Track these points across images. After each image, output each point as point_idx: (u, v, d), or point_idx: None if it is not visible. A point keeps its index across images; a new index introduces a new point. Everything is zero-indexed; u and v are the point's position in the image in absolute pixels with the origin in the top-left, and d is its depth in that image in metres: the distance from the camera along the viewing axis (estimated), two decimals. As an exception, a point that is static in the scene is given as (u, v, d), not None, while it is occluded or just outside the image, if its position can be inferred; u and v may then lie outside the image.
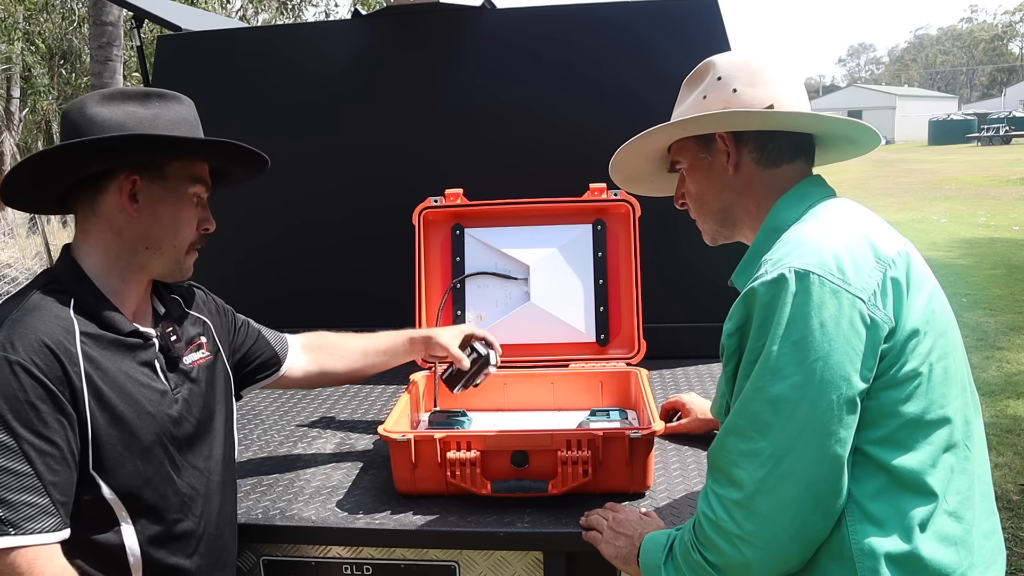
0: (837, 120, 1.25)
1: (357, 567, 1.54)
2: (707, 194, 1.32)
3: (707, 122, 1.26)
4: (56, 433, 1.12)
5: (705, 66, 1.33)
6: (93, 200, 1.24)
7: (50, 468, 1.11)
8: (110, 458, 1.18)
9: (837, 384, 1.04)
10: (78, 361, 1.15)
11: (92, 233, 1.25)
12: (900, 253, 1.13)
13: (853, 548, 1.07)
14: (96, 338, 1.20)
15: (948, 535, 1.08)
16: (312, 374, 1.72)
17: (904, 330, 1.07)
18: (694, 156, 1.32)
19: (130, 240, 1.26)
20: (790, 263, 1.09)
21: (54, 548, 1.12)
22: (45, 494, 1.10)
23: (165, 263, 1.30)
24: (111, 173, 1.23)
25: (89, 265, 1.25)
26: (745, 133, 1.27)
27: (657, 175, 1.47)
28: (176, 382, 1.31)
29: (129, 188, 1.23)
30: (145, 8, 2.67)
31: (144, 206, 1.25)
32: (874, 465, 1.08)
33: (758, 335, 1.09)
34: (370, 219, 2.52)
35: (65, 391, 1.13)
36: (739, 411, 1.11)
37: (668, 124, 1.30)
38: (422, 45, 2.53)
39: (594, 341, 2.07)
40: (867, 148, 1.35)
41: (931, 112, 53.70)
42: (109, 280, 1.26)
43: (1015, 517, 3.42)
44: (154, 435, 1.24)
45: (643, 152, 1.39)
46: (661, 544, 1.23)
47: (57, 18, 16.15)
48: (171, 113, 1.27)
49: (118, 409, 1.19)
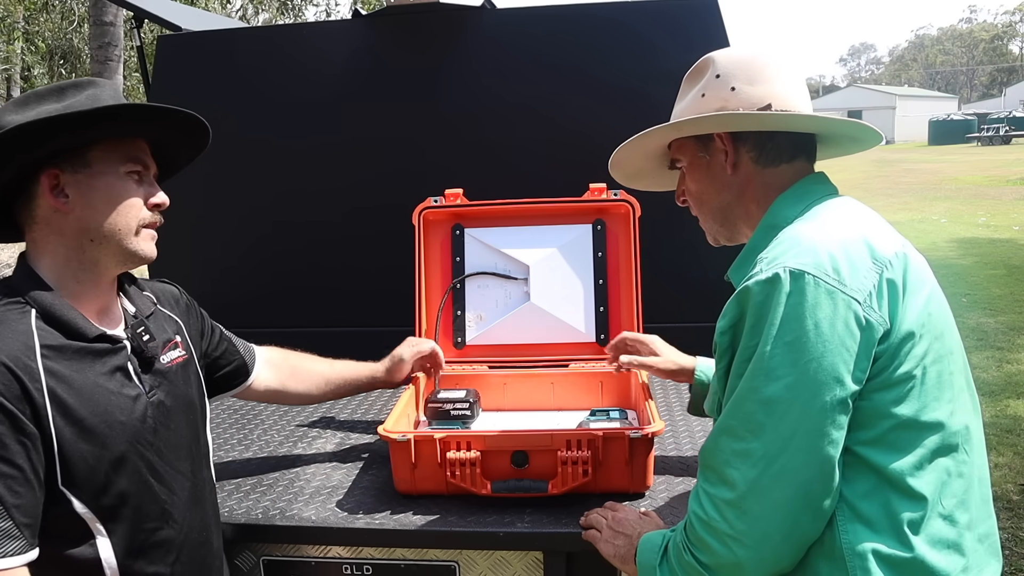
0: (834, 120, 1.24)
1: (357, 567, 1.54)
2: (706, 193, 1.32)
3: (703, 123, 1.26)
4: (17, 455, 1.08)
5: (705, 62, 1.32)
6: (29, 208, 1.20)
7: (12, 491, 1.07)
8: (80, 473, 1.14)
9: (830, 385, 1.04)
10: (39, 377, 1.11)
11: (38, 240, 1.21)
12: (897, 254, 1.12)
13: (844, 548, 1.07)
14: (60, 349, 1.15)
15: (942, 538, 1.08)
16: (272, 391, 1.70)
17: (899, 332, 1.07)
18: (693, 155, 1.32)
19: (73, 237, 1.20)
20: (785, 262, 1.08)
21: (19, 572, 1.08)
22: (8, 517, 1.07)
23: (116, 251, 1.23)
24: (33, 175, 1.18)
25: (44, 273, 1.20)
26: (743, 133, 1.27)
27: (658, 171, 1.46)
28: (151, 384, 1.27)
29: (51, 184, 1.17)
30: (145, 8, 2.67)
31: (75, 199, 1.19)
32: (865, 466, 1.08)
33: (751, 334, 1.09)
34: (370, 218, 2.52)
35: (25, 410, 1.09)
36: (732, 411, 1.11)
37: (664, 126, 1.29)
38: (422, 45, 2.53)
39: (594, 341, 2.07)
40: (868, 144, 1.35)
41: (931, 112, 53.70)
42: (66, 283, 1.21)
43: (1015, 517, 3.41)
44: (127, 444, 1.19)
45: (642, 151, 1.39)
46: (656, 545, 1.22)
47: (57, 18, 16.15)
48: (84, 99, 1.19)
49: (86, 422, 1.14)
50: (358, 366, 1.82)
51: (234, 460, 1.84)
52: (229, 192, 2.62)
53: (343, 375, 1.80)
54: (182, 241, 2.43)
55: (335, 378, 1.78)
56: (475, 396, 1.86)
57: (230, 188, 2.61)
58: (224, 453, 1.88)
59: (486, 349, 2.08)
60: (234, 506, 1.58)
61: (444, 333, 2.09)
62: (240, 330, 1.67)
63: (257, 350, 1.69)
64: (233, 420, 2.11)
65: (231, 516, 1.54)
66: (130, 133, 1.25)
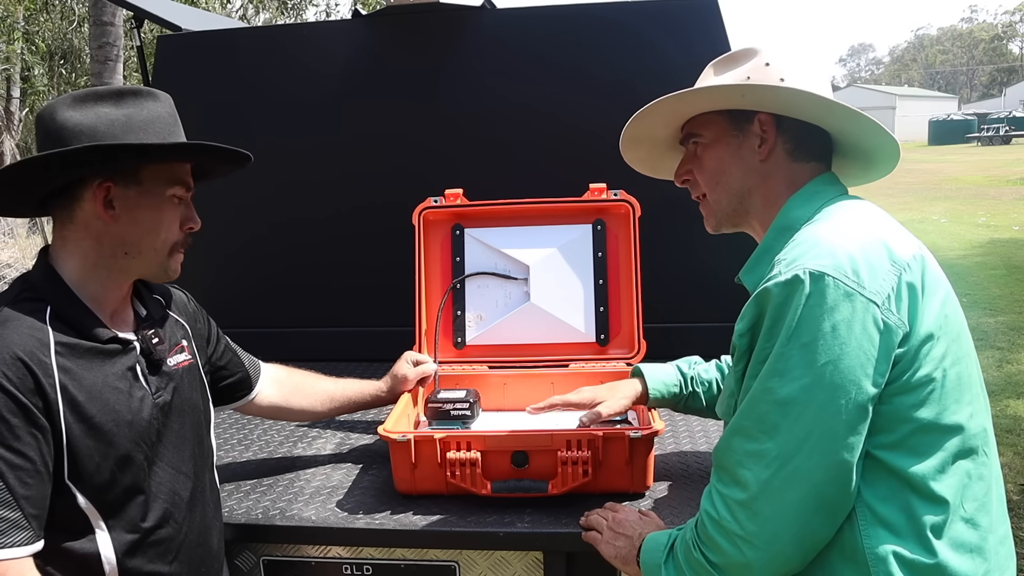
0: (886, 134, 1.23)
1: (357, 567, 1.54)
2: (729, 173, 1.28)
3: (781, 96, 1.21)
4: (29, 446, 1.10)
5: (748, 50, 1.29)
6: (70, 208, 1.22)
7: (22, 482, 1.09)
8: (86, 468, 1.16)
9: (847, 388, 1.04)
10: (52, 372, 1.13)
11: (70, 240, 1.23)
12: (915, 256, 1.11)
13: (867, 552, 1.06)
14: (72, 348, 1.17)
15: (964, 542, 1.08)
16: (275, 407, 1.72)
17: (918, 335, 1.06)
18: (722, 131, 1.28)
19: (109, 246, 1.23)
20: (805, 264, 1.07)
21: (26, 561, 1.10)
22: (17, 508, 1.08)
23: (147, 266, 1.28)
24: (84, 181, 1.21)
25: (67, 272, 1.23)
26: (788, 122, 1.24)
27: (657, 149, 1.43)
28: (158, 385, 1.29)
29: (103, 196, 1.21)
30: (145, 8, 2.67)
31: (121, 212, 1.22)
32: (884, 470, 1.07)
33: (768, 336, 1.09)
34: (370, 218, 2.52)
35: (38, 403, 1.11)
36: (746, 411, 1.10)
37: (734, 84, 1.24)
38: (422, 45, 2.53)
39: (594, 341, 2.07)
40: (872, 178, 1.36)
41: (931, 112, 53.69)
42: (87, 286, 1.23)
43: (1015, 517, 3.42)
44: (132, 442, 1.21)
45: (670, 113, 1.32)
46: (662, 544, 1.22)
47: (57, 18, 16.13)
48: (145, 112, 1.24)
49: (95, 419, 1.17)
50: (363, 384, 1.84)
51: (234, 460, 1.84)
52: (229, 192, 2.61)
53: (347, 393, 1.82)
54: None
55: (339, 396, 1.80)
56: (475, 396, 1.86)
57: (230, 188, 2.60)
58: (224, 453, 1.88)
59: (486, 349, 2.08)
60: (234, 506, 1.58)
61: (444, 333, 2.09)
62: (240, 330, 1.67)
63: (263, 367, 1.70)
64: (233, 420, 2.11)
65: (231, 516, 1.54)
66: (184, 159, 1.30)
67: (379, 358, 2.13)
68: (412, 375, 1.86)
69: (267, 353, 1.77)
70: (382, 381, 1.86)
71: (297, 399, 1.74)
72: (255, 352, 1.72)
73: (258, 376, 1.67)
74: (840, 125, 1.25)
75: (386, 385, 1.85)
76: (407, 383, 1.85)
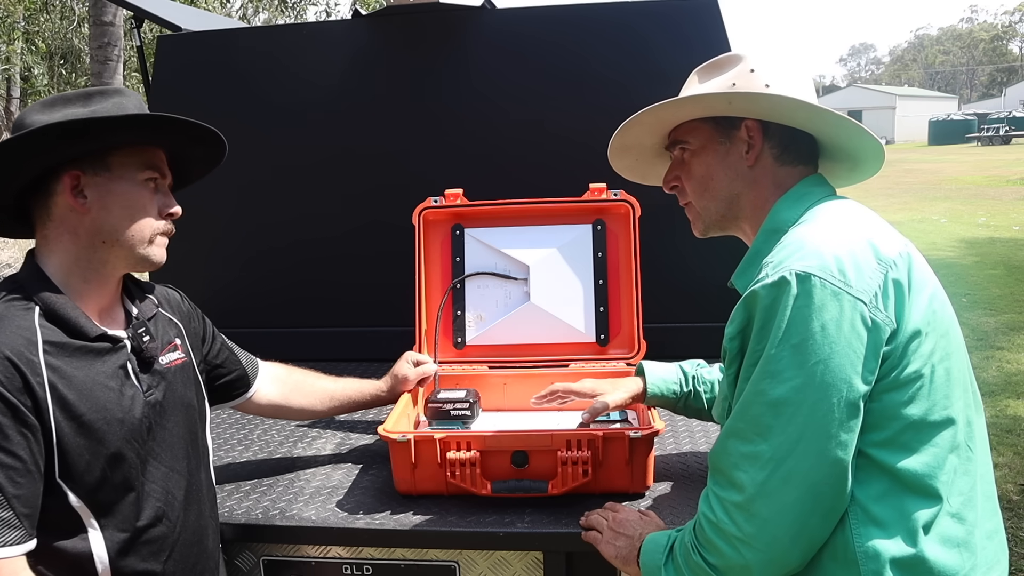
0: (870, 136, 1.24)
1: (357, 567, 1.54)
2: (716, 179, 1.29)
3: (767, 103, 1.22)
4: (18, 446, 1.10)
5: (732, 57, 1.30)
6: (45, 206, 1.23)
7: (13, 481, 1.09)
8: (77, 466, 1.16)
9: (838, 387, 1.04)
10: (40, 371, 1.13)
11: (51, 238, 1.24)
12: (901, 254, 1.12)
13: (857, 551, 1.07)
14: (61, 346, 1.17)
15: (951, 537, 1.08)
16: (274, 405, 1.72)
17: (906, 332, 1.07)
18: (709, 138, 1.29)
19: (86, 237, 1.23)
20: (791, 266, 1.08)
21: (18, 561, 1.10)
22: (8, 507, 1.08)
23: (127, 255, 1.27)
24: (56, 174, 1.21)
25: (52, 270, 1.23)
26: (773, 128, 1.25)
27: (644, 156, 1.44)
28: (149, 383, 1.28)
29: (72, 184, 1.21)
30: (145, 8, 2.67)
31: (93, 200, 1.22)
32: (877, 468, 1.08)
33: (759, 338, 1.09)
34: (370, 218, 2.52)
35: (27, 402, 1.11)
36: (740, 414, 1.11)
37: (717, 92, 1.24)
38: (422, 45, 2.53)
39: (594, 341, 2.07)
40: (860, 178, 1.36)
41: (931, 112, 53.69)
42: (72, 283, 1.23)
43: (1015, 517, 3.42)
44: (123, 441, 1.21)
45: (656, 122, 1.33)
46: (661, 545, 1.22)
47: (57, 18, 16.14)
48: (109, 105, 1.23)
49: (85, 417, 1.17)
50: (363, 384, 1.84)
51: (234, 460, 1.84)
52: (228, 192, 2.61)
53: (347, 392, 1.81)
54: (181, 241, 2.43)
55: (339, 395, 1.80)
56: (475, 396, 1.86)
57: (229, 187, 2.61)
58: (224, 453, 1.88)
59: (486, 349, 2.08)
60: (234, 506, 1.58)
61: (444, 333, 2.09)
62: (240, 330, 1.67)
63: (262, 365, 1.70)
64: (233, 420, 2.11)
65: (231, 516, 1.54)
66: (150, 142, 1.29)
67: (379, 358, 2.13)
68: (412, 375, 1.86)
69: (267, 353, 1.77)
70: (382, 381, 1.86)
71: (297, 398, 1.74)
72: (255, 352, 1.72)
73: (256, 374, 1.66)
74: (825, 129, 1.26)
75: (386, 385, 1.85)
76: (407, 383, 1.85)
